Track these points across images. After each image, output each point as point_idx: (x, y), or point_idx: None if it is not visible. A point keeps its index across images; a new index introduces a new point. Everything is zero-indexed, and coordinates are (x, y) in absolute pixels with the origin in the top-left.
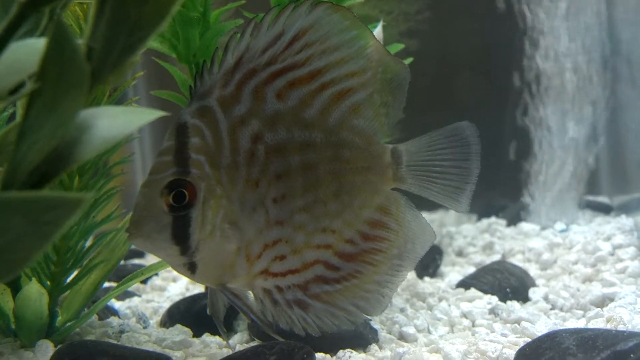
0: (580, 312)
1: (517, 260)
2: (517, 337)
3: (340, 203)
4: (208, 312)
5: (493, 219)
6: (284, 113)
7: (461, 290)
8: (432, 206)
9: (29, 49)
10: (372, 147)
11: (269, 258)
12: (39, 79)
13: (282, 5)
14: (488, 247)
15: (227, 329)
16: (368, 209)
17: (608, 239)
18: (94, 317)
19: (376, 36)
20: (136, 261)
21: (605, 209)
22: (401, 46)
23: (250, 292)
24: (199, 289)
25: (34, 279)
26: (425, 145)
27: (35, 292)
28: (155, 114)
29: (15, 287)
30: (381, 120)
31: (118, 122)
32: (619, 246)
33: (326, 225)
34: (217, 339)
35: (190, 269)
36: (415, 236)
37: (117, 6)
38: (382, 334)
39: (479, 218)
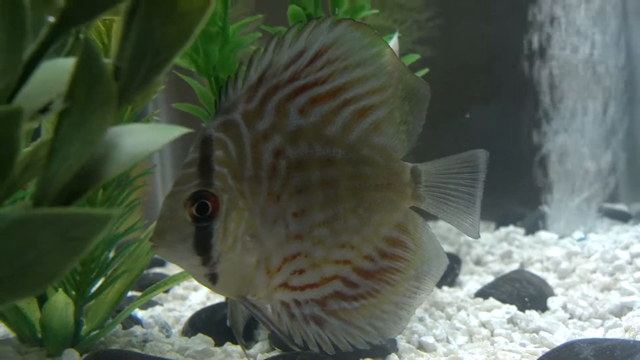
0: (599, 322)
1: (535, 269)
2: (535, 347)
3: (360, 219)
4: (228, 323)
5: (511, 228)
6: (306, 129)
7: (480, 299)
8: None
9: (58, 69)
10: (392, 165)
11: (288, 272)
12: (68, 98)
13: (303, 21)
14: (506, 256)
15: (247, 338)
16: (386, 225)
17: (626, 247)
18: (118, 327)
19: (392, 47)
20: (157, 270)
21: (623, 217)
22: (417, 56)
23: (269, 305)
24: (219, 298)
25: (60, 289)
26: (443, 168)
27: (61, 302)
28: (179, 130)
29: (41, 297)
30: (401, 138)
31: (144, 139)
32: (637, 255)
33: (345, 241)
34: (239, 348)
35: (212, 280)
36: (431, 258)
37: (143, 27)
38: (402, 344)
39: (497, 227)
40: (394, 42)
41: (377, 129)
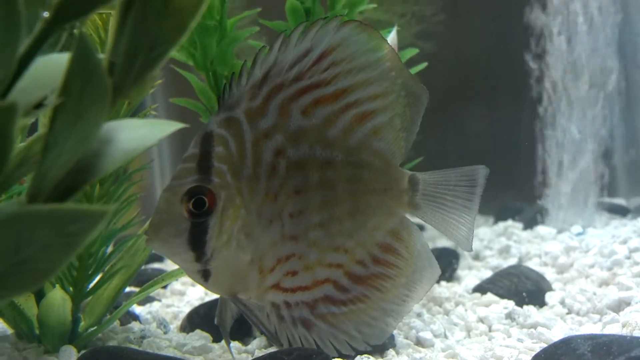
0: (597, 317)
1: (533, 264)
2: (533, 343)
3: (355, 223)
4: (215, 321)
5: (509, 222)
6: (308, 130)
7: (478, 294)
8: None
9: (53, 64)
10: (390, 170)
11: (281, 273)
12: (62, 94)
13: (309, 20)
14: (504, 251)
15: (245, 334)
16: (381, 231)
17: (624, 242)
18: (116, 323)
19: (390, 42)
20: (156, 265)
21: (621, 211)
22: (415, 51)
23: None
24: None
25: (57, 285)
26: (441, 179)
27: (59, 298)
28: (175, 125)
29: (38, 293)
30: (400, 144)
31: (139, 134)
32: (636, 249)
33: (339, 244)
34: (237, 344)
35: (204, 277)
36: (423, 267)
37: (138, 22)
38: (399, 339)
39: (496, 221)
40: (392, 37)
41: (378, 134)
